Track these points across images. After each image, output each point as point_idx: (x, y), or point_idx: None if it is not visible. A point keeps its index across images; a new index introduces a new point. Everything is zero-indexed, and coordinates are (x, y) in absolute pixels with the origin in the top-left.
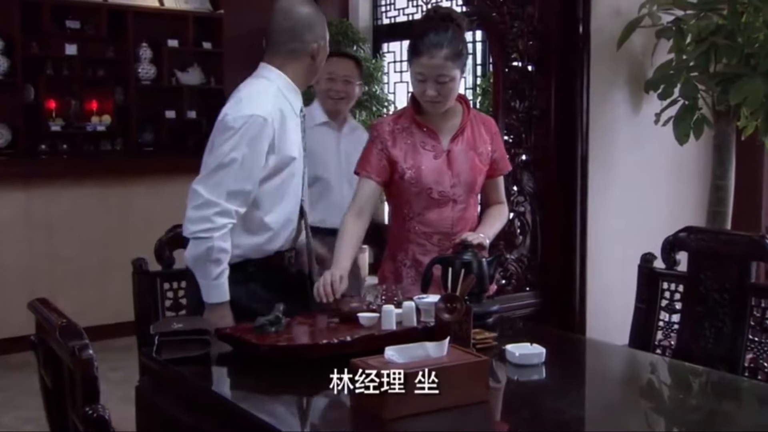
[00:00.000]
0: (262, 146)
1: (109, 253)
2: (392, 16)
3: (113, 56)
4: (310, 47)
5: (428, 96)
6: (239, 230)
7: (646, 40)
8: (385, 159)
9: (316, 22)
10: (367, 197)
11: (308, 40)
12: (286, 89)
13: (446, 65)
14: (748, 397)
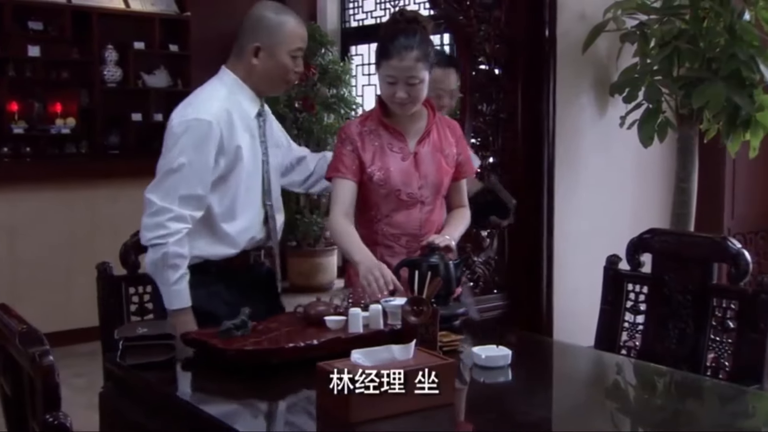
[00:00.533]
0: (208, 149)
1: (74, 258)
2: (360, 19)
3: (78, 58)
4: (248, 47)
5: (398, 98)
6: (197, 235)
7: (611, 44)
8: (357, 159)
9: (264, 25)
10: (349, 198)
11: (249, 40)
12: (237, 91)
13: (416, 67)
14: (710, 396)
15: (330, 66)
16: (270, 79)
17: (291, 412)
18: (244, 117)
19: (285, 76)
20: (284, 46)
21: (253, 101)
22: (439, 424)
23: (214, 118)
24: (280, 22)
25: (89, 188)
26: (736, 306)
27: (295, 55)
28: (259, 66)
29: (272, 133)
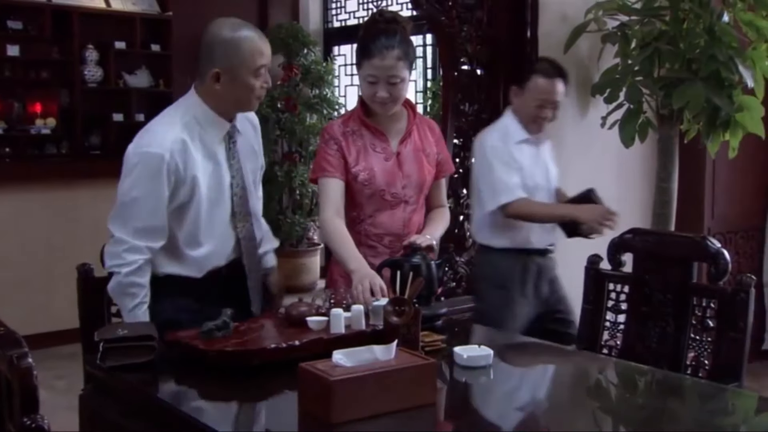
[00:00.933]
0: (161, 182)
1: (54, 259)
2: (343, 19)
3: (58, 58)
4: (208, 73)
5: (379, 97)
6: (162, 257)
7: (593, 45)
8: (342, 158)
9: (220, 48)
10: (339, 196)
11: (207, 65)
12: (200, 116)
13: (397, 66)
14: (691, 394)
15: (312, 66)
16: (236, 101)
17: (273, 412)
18: (207, 143)
19: (252, 95)
20: (245, 66)
21: (218, 125)
22: (421, 424)
23: (166, 151)
24: (236, 42)
25: (70, 189)
26: (715, 305)
27: (258, 73)
28: (222, 91)
29: (247, 144)
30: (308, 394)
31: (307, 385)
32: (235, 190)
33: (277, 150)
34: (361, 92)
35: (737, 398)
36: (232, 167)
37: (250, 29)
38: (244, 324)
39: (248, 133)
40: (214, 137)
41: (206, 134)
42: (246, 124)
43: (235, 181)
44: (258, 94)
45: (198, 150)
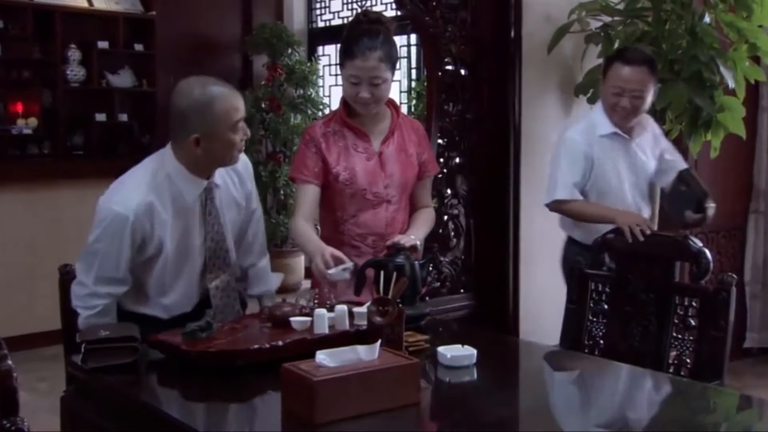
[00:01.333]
0: (123, 242)
1: (36, 260)
2: (327, 19)
3: (40, 57)
4: (186, 141)
5: (361, 98)
6: (131, 299)
7: (576, 45)
8: (321, 161)
9: (194, 114)
10: (310, 203)
11: (184, 133)
12: (174, 176)
13: (380, 67)
14: (673, 392)
15: (297, 66)
16: (219, 158)
17: (256, 413)
18: (180, 202)
19: (233, 150)
20: (222, 126)
21: (194, 184)
22: (405, 424)
23: (131, 213)
24: (209, 104)
25: (52, 189)
26: (697, 304)
27: (236, 128)
28: (203, 153)
29: (227, 196)
30: (291, 395)
31: (290, 385)
32: (208, 245)
33: (261, 150)
34: (343, 92)
35: (719, 396)
36: (208, 223)
37: (218, 86)
38: (227, 324)
39: (229, 184)
40: (188, 196)
41: (180, 193)
42: (228, 174)
43: (209, 236)
44: (239, 147)
45: (168, 209)
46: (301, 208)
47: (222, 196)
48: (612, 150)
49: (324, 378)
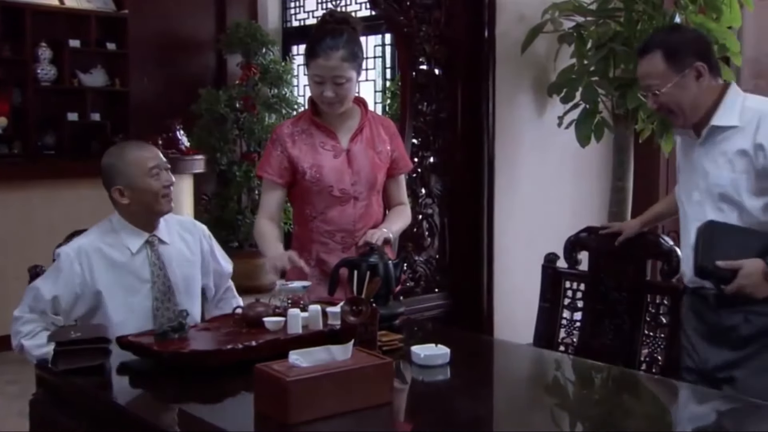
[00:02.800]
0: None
1: (6, 261)
2: (301, 18)
3: (9, 56)
4: (113, 195)
5: (326, 97)
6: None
7: (549, 45)
8: (287, 161)
9: (112, 169)
10: (275, 204)
11: (109, 189)
12: (119, 229)
13: (342, 66)
14: (645, 390)
15: (271, 66)
16: (146, 205)
17: (229, 414)
18: (124, 252)
19: (157, 197)
20: (138, 172)
21: (136, 235)
22: (378, 423)
23: (74, 252)
24: (120, 156)
25: (23, 190)
26: (668, 302)
27: (153, 173)
28: (131, 202)
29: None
30: (265, 395)
31: (263, 385)
32: (155, 294)
33: (236, 150)
34: (310, 92)
35: (689, 394)
36: (153, 273)
37: (132, 144)
38: (200, 325)
39: (178, 241)
40: (132, 246)
41: (124, 243)
42: (178, 232)
43: (156, 286)
44: (163, 194)
45: (115, 256)
46: (265, 208)
47: (171, 252)
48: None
49: (297, 378)
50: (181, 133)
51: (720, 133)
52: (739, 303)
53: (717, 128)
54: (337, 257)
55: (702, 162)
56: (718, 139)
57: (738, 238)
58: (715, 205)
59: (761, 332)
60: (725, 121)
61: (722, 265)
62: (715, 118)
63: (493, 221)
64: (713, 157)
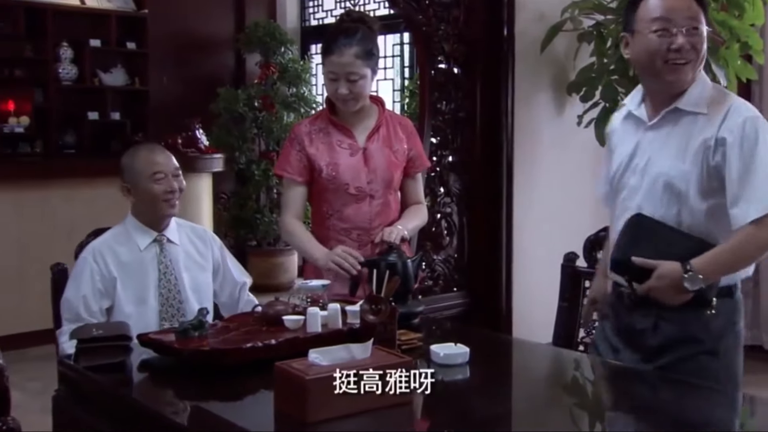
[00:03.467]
0: (82, 277)
1: (27, 259)
2: (320, 17)
3: (31, 55)
4: (123, 192)
5: (340, 94)
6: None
7: (569, 44)
8: (305, 159)
9: (123, 169)
10: (299, 201)
11: (122, 182)
12: (130, 228)
13: (356, 63)
14: (665, 391)
15: (290, 65)
16: (147, 206)
17: (248, 412)
18: (133, 249)
19: (156, 201)
20: (142, 175)
21: (145, 234)
22: (397, 422)
23: (90, 254)
24: (132, 158)
25: (44, 188)
26: None
27: (157, 178)
28: (136, 201)
29: (185, 255)
30: (284, 394)
31: (282, 384)
32: (161, 291)
33: (254, 148)
34: (326, 90)
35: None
36: (160, 271)
37: (147, 147)
38: (220, 323)
39: (188, 245)
40: (141, 243)
41: (134, 241)
42: (189, 237)
43: (162, 283)
44: (163, 198)
45: (126, 254)
46: (290, 207)
47: (179, 252)
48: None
49: (317, 377)
50: (200, 132)
51: (680, 117)
52: (653, 306)
53: (678, 111)
54: None
55: (649, 146)
56: (675, 124)
57: (665, 238)
58: (655, 195)
59: (669, 343)
60: (691, 106)
61: (637, 262)
62: (682, 101)
63: (512, 220)
64: (665, 143)
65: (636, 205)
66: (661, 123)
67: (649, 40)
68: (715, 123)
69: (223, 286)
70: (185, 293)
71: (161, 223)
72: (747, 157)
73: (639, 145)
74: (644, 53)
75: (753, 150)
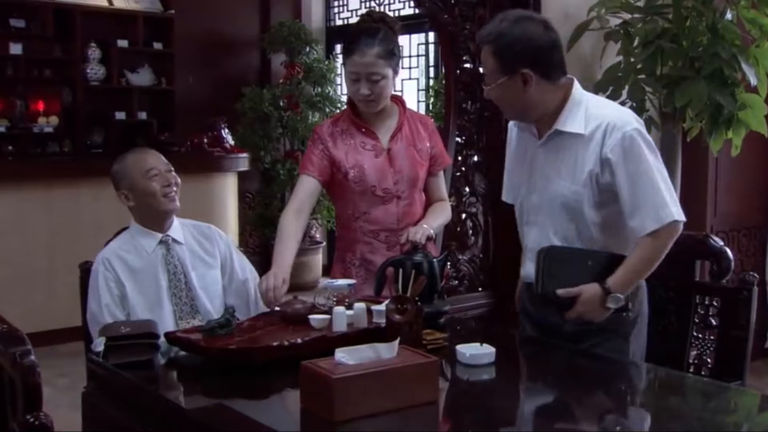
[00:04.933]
0: (99, 287)
1: (56, 257)
2: (345, 17)
3: (60, 56)
4: (120, 200)
5: (362, 95)
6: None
7: (595, 43)
8: (327, 160)
9: (115, 176)
10: (307, 194)
11: (117, 190)
12: (135, 234)
13: (377, 63)
14: (693, 393)
15: (315, 64)
16: (149, 206)
17: (275, 411)
18: (141, 254)
19: (157, 197)
20: (137, 176)
21: (149, 236)
22: (423, 422)
23: (100, 263)
24: (122, 161)
25: (72, 187)
26: (718, 303)
27: (151, 175)
28: (136, 205)
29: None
30: (310, 392)
31: (309, 383)
32: (173, 291)
33: (279, 148)
34: (347, 90)
35: (739, 396)
36: (169, 272)
37: (134, 152)
38: (246, 322)
39: (193, 243)
40: (147, 246)
41: (141, 245)
42: (194, 235)
43: (173, 283)
44: (163, 193)
45: (135, 260)
46: (296, 196)
47: (187, 251)
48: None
49: (343, 376)
50: (226, 132)
51: (564, 139)
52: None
53: (561, 133)
54: (382, 256)
55: (542, 165)
56: (561, 145)
57: (576, 262)
58: (554, 213)
59: (585, 332)
60: (569, 127)
61: (562, 294)
62: (558, 122)
63: None
64: (555, 164)
65: (540, 221)
66: (548, 143)
67: None
68: (598, 142)
69: (231, 280)
70: (195, 291)
71: (165, 221)
72: (633, 173)
73: (533, 163)
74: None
75: (637, 165)
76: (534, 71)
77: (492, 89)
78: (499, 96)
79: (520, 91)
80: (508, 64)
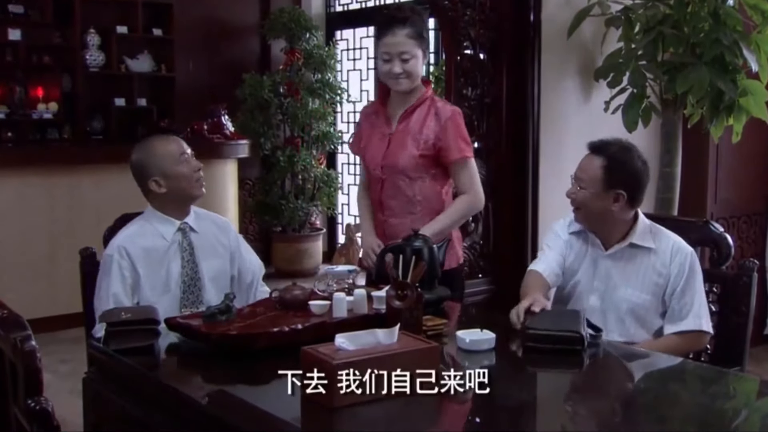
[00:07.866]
0: (111, 275)
1: (56, 244)
2: (345, 3)
3: (59, 42)
4: (149, 186)
5: (393, 72)
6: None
7: (596, 29)
8: (360, 137)
9: (143, 164)
10: (365, 173)
11: (144, 182)
12: (153, 220)
13: (408, 42)
14: (693, 378)
15: (315, 51)
16: (183, 190)
17: (275, 396)
18: (158, 240)
19: (191, 181)
20: (168, 162)
21: (169, 223)
22: (423, 407)
23: (115, 251)
24: (149, 150)
25: (72, 174)
26: (718, 289)
27: (182, 159)
28: (168, 189)
29: (206, 242)
30: (311, 378)
31: (309, 368)
32: (184, 278)
33: (279, 135)
34: (379, 73)
35: (739, 382)
36: (183, 259)
37: (158, 138)
38: (246, 308)
39: (208, 233)
40: (166, 233)
41: (159, 232)
42: (208, 225)
43: (185, 270)
44: (195, 178)
45: (146, 249)
46: (362, 178)
47: (201, 240)
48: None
49: (343, 361)
50: (226, 118)
51: (635, 252)
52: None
53: (634, 246)
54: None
55: (610, 272)
56: (632, 258)
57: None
58: (619, 317)
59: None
60: (642, 241)
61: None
62: (633, 236)
63: (538, 207)
64: (625, 273)
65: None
66: (618, 255)
67: None
68: (665, 260)
69: (239, 272)
70: (204, 281)
71: (186, 208)
72: (687, 289)
73: (598, 270)
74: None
75: (694, 283)
76: (627, 195)
77: (584, 194)
78: (586, 201)
79: (608, 206)
80: (613, 182)
